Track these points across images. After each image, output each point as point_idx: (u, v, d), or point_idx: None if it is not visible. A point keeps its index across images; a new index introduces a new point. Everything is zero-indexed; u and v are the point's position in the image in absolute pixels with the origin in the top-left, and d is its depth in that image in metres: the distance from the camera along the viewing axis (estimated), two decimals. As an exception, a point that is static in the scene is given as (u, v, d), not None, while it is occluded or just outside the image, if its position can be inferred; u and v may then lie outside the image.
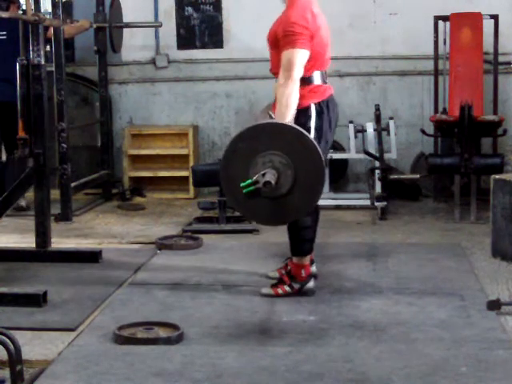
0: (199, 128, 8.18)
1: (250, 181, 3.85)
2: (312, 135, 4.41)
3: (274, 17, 7.90)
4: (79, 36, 7.68)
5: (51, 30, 6.26)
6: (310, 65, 4.47)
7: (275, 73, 4.54)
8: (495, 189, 5.39)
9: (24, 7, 6.17)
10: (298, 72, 4.35)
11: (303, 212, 3.92)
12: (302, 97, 4.39)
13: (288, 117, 4.26)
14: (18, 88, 5.30)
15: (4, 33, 6.60)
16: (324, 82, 4.59)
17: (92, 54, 7.84)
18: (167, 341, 3.82)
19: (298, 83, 4.33)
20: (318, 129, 4.48)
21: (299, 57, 4.37)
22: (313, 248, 4.64)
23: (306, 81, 4.46)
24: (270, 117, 4.36)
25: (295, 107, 4.32)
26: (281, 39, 4.45)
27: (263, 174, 3.83)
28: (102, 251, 5.48)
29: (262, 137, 3.93)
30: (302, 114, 4.44)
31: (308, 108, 4.47)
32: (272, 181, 3.80)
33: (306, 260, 4.56)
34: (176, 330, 3.92)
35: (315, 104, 4.49)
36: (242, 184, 3.86)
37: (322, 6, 7.92)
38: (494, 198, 5.40)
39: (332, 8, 7.90)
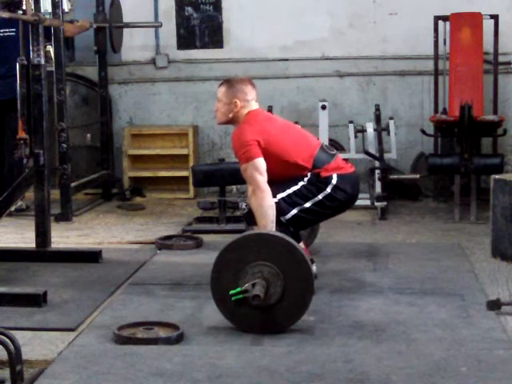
0: (199, 128, 8.18)
1: (239, 289, 3.90)
2: (323, 196, 4.60)
3: (274, 17, 7.98)
4: (79, 36, 7.69)
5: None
6: (301, 159, 4.62)
7: (274, 178, 4.59)
8: (495, 189, 5.39)
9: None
10: (262, 179, 4.46)
11: (292, 322, 3.98)
12: (321, 173, 4.61)
13: (269, 226, 4.39)
14: (18, 88, 5.31)
15: (14, 29, 6.60)
16: (331, 155, 4.73)
17: (92, 54, 7.85)
18: (167, 341, 3.82)
19: (265, 189, 4.44)
20: (333, 193, 4.62)
21: (257, 166, 4.48)
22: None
23: (312, 169, 4.62)
24: None
25: (273, 214, 4.42)
26: (235, 154, 4.63)
27: (253, 285, 3.89)
28: (102, 251, 5.48)
29: (252, 247, 3.99)
30: (322, 180, 4.61)
31: (328, 177, 4.62)
32: (261, 294, 3.85)
33: None
34: (176, 329, 3.92)
35: (337, 175, 4.64)
36: (232, 291, 3.91)
37: (322, 6, 7.99)
38: (493, 197, 5.40)
39: (332, 8, 7.95)
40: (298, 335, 3.94)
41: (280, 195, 4.56)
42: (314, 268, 4.70)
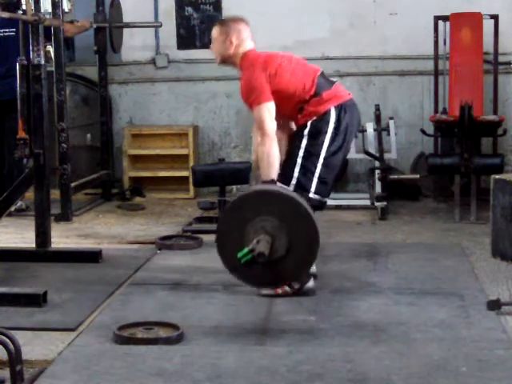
0: (199, 128, 8.18)
1: (246, 250, 3.88)
2: (328, 138, 4.53)
3: (274, 17, 7.97)
4: (79, 36, 7.69)
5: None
6: (304, 86, 4.57)
7: (282, 116, 4.62)
8: (495, 189, 5.40)
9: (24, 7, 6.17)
10: (271, 126, 4.46)
11: (302, 273, 3.97)
12: (318, 105, 4.54)
13: (273, 174, 4.39)
14: (18, 88, 5.31)
15: (14, 29, 6.60)
16: (331, 82, 4.66)
17: (92, 53, 7.84)
18: (167, 341, 3.82)
19: (274, 137, 4.44)
20: (334, 134, 4.56)
21: (266, 111, 4.48)
22: None
23: (314, 96, 4.57)
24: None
25: (278, 162, 4.43)
26: (246, 101, 4.59)
27: (257, 241, 3.87)
28: (102, 251, 5.48)
29: (251, 205, 3.99)
30: (320, 120, 4.56)
31: (327, 113, 4.56)
32: (265, 250, 3.85)
33: None
34: (176, 329, 3.92)
35: (335, 107, 4.58)
36: (239, 254, 3.89)
37: (322, 6, 7.99)
38: (493, 198, 5.40)
39: (332, 8, 7.94)
40: (298, 335, 3.94)
41: (295, 173, 4.53)
42: (313, 268, 4.72)
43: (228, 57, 4.72)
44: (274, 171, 4.40)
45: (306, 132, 4.58)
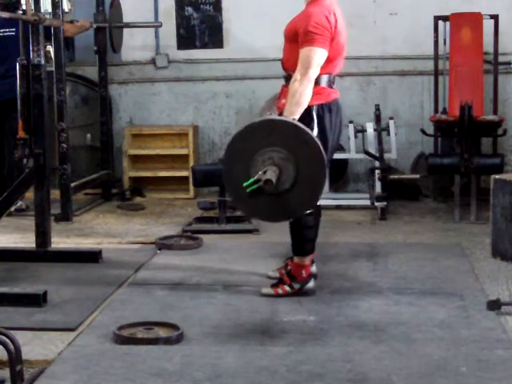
0: (199, 128, 8.18)
1: (252, 180, 3.84)
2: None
3: (274, 16, 7.98)
4: (79, 36, 7.69)
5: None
6: (321, 67, 4.47)
7: (287, 67, 4.53)
8: (495, 189, 5.40)
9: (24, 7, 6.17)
10: (315, 71, 4.35)
11: (308, 206, 3.91)
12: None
13: (297, 114, 4.27)
14: (18, 88, 5.31)
15: (13, 29, 6.60)
16: (330, 86, 4.58)
17: (92, 53, 7.84)
18: (167, 341, 3.82)
19: (312, 82, 4.33)
20: (320, 130, 4.48)
21: (318, 56, 4.37)
22: (314, 248, 4.65)
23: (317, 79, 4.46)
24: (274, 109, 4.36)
25: (305, 106, 4.32)
26: (301, 36, 4.43)
27: (264, 172, 3.82)
28: (102, 251, 5.48)
29: (259, 135, 3.90)
30: (305, 113, 4.45)
31: (310, 108, 4.47)
32: (273, 178, 3.78)
33: (307, 260, 4.57)
34: (176, 330, 3.93)
35: (318, 106, 4.48)
36: (245, 183, 3.85)
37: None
38: (493, 197, 5.40)
39: (332, 8, 7.93)
40: (298, 335, 3.94)
41: None
42: (313, 268, 4.73)
43: None
44: (299, 111, 4.27)
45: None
